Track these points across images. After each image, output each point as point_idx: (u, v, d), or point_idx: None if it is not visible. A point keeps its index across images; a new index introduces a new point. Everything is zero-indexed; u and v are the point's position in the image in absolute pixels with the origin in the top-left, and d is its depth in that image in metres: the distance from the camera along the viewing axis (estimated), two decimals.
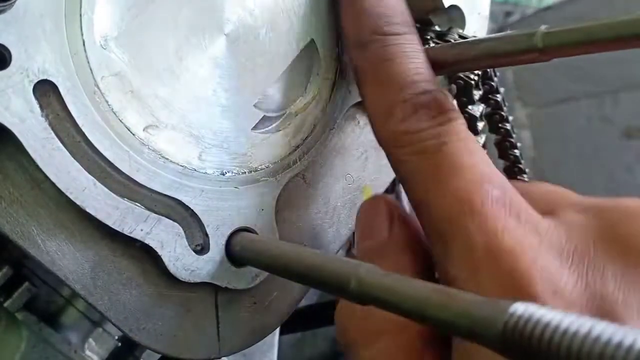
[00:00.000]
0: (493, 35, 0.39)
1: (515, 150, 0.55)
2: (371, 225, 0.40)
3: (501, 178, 0.34)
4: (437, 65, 0.43)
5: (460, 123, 0.36)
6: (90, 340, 0.56)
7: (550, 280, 0.30)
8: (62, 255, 0.37)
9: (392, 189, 0.87)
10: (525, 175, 0.54)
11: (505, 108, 0.53)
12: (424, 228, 0.36)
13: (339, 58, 0.45)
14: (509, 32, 0.38)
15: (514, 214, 0.32)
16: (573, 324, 0.21)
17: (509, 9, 1.77)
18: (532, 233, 0.32)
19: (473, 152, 0.35)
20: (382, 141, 0.38)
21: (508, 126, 0.54)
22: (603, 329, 0.20)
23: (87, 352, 0.56)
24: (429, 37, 0.49)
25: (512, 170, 0.54)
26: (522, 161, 0.54)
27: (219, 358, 0.42)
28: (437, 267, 0.36)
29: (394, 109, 0.37)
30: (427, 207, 0.34)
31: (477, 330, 0.23)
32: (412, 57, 0.38)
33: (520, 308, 0.22)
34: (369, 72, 0.39)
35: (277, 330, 0.63)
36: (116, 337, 0.58)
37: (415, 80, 0.37)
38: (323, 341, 1.03)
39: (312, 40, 0.43)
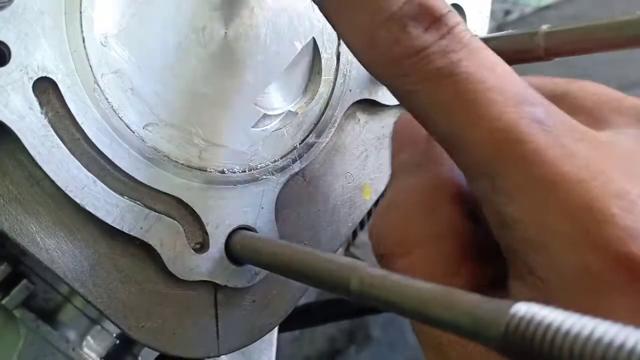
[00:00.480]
0: (494, 34, 0.39)
1: None
2: (410, 136, 0.35)
3: (534, 93, 0.29)
4: None
5: (463, 27, 0.30)
6: (89, 337, 0.56)
7: (634, 204, 0.26)
8: (61, 253, 0.36)
9: None
10: None
11: None
12: (459, 164, 0.31)
13: (339, 57, 0.45)
14: (510, 31, 0.38)
15: (567, 134, 0.27)
16: (575, 325, 0.20)
17: (507, 8, 1.78)
18: (595, 152, 0.27)
19: (494, 65, 0.29)
20: (377, 74, 0.32)
21: None
22: (606, 330, 0.20)
23: (85, 350, 0.55)
24: None
25: None
26: None
27: (218, 356, 0.42)
28: (484, 206, 0.30)
29: (379, 30, 0.30)
30: (459, 141, 0.29)
31: (479, 331, 0.23)
32: None
33: (522, 308, 0.22)
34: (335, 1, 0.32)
35: (276, 328, 0.63)
36: (114, 335, 0.58)
37: None
38: (321, 339, 1.03)
39: (313, 39, 0.43)
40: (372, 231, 0.35)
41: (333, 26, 0.33)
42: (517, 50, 0.38)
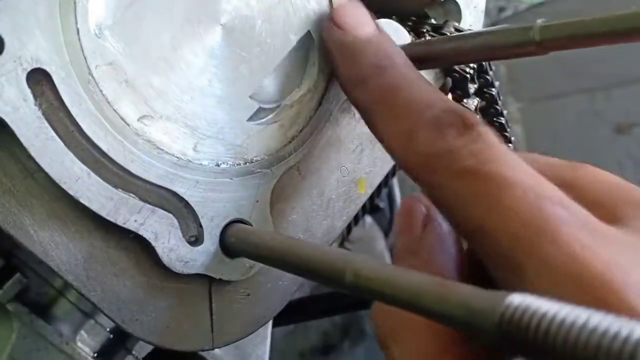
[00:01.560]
0: (489, 28, 0.39)
1: (510, 145, 0.56)
2: (409, 221, 0.39)
3: (551, 187, 0.31)
4: (432, 58, 0.43)
5: (491, 135, 0.33)
6: (82, 332, 0.56)
7: None
8: (54, 246, 0.36)
9: (385, 182, 0.87)
10: None
11: (500, 102, 0.53)
12: (482, 255, 0.33)
13: None
14: (505, 25, 0.38)
15: (582, 227, 0.30)
16: (570, 315, 0.21)
17: (502, 5, 1.78)
18: (607, 245, 0.29)
19: (515, 165, 0.32)
20: (410, 169, 0.35)
21: (503, 120, 0.54)
22: (600, 320, 0.20)
23: (79, 344, 0.55)
24: (424, 30, 0.49)
25: None
26: None
27: (213, 349, 0.42)
28: None
29: (417, 133, 0.34)
30: (486, 234, 0.31)
31: (474, 322, 0.23)
32: (420, 81, 0.38)
33: (516, 299, 0.22)
34: (377, 105, 0.38)
35: (270, 322, 0.63)
36: (108, 329, 0.58)
37: (432, 99, 0.35)
38: (315, 333, 1.03)
39: (309, 32, 0.43)
40: (372, 318, 0.37)
41: (372, 127, 0.39)
42: (512, 45, 0.38)
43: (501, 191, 0.31)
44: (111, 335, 0.58)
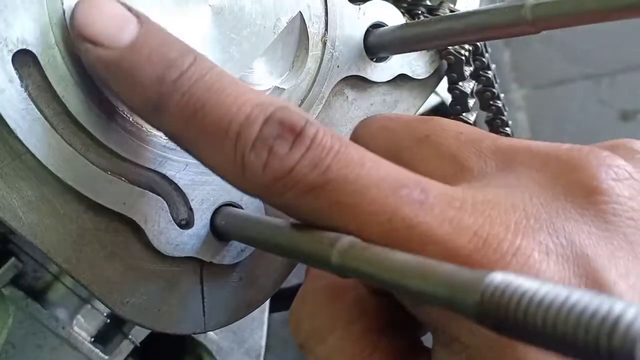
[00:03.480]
0: (481, 8, 0.39)
1: (507, 129, 0.55)
2: None
3: (407, 173, 0.30)
4: (426, 39, 0.43)
5: (324, 132, 0.30)
6: (79, 316, 0.57)
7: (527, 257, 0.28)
8: (44, 229, 0.36)
9: None
10: None
11: (496, 85, 0.52)
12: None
13: (327, 31, 0.44)
14: (497, 4, 0.37)
15: (448, 206, 0.29)
16: (550, 293, 0.20)
17: None
18: (476, 216, 0.29)
19: (362, 160, 0.30)
20: (256, 196, 0.32)
21: (499, 104, 0.53)
22: (579, 298, 0.20)
23: (76, 329, 0.56)
24: (419, 12, 0.49)
25: None
26: None
27: (205, 333, 0.42)
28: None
29: (244, 159, 0.30)
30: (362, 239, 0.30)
31: (455, 300, 0.23)
32: (222, 84, 0.31)
33: (497, 277, 0.22)
34: (187, 131, 0.31)
35: (267, 308, 0.63)
36: (105, 314, 0.58)
37: (247, 112, 0.30)
38: None
39: (300, 14, 0.43)
40: (290, 326, 0.37)
41: (194, 155, 0.33)
42: (505, 24, 0.37)
43: (354, 195, 0.29)
44: (108, 320, 0.58)
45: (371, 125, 0.40)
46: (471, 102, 0.51)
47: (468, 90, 0.50)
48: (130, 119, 0.37)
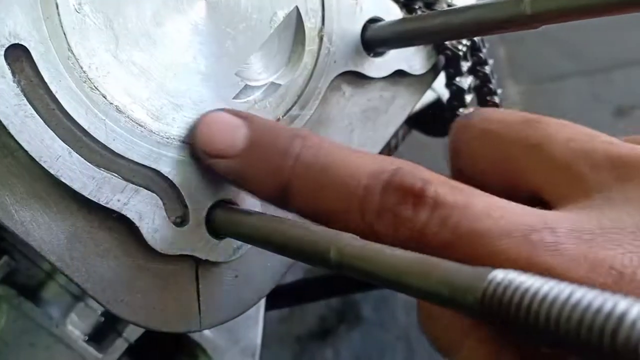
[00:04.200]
0: (480, 2, 0.38)
1: None
2: None
3: (533, 214, 0.30)
4: (423, 33, 0.42)
5: (442, 192, 0.30)
6: (73, 315, 0.56)
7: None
8: (36, 226, 0.36)
9: None
10: None
11: (493, 80, 0.52)
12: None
13: (324, 26, 0.44)
14: None
15: (579, 240, 0.29)
16: (552, 290, 0.20)
17: None
18: (609, 246, 0.28)
19: (488, 210, 0.30)
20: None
21: (496, 99, 0.53)
22: (582, 295, 0.19)
23: (69, 327, 0.55)
24: (417, 7, 0.48)
25: None
26: None
27: (200, 331, 0.41)
28: None
29: (374, 228, 0.31)
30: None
31: (457, 298, 0.23)
32: (334, 159, 0.34)
33: (499, 275, 0.21)
34: (317, 211, 0.34)
35: (263, 306, 0.63)
36: (99, 312, 0.57)
37: (364, 183, 0.32)
38: (312, 318, 1.03)
39: (296, 8, 0.42)
40: (424, 330, 0.35)
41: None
42: (504, 20, 0.37)
43: (489, 248, 0.29)
44: (102, 318, 0.57)
45: (472, 129, 0.38)
46: (468, 97, 0.51)
47: (465, 86, 0.50)
48: (124, 115, 0.37)
